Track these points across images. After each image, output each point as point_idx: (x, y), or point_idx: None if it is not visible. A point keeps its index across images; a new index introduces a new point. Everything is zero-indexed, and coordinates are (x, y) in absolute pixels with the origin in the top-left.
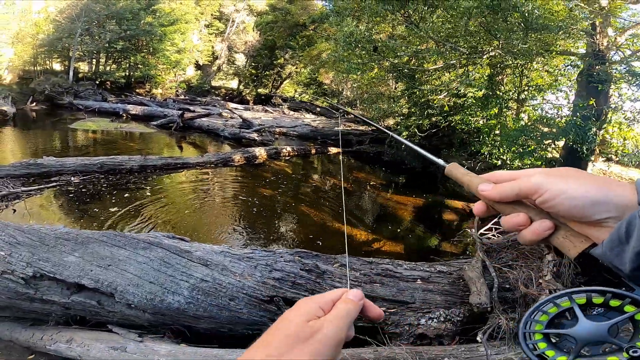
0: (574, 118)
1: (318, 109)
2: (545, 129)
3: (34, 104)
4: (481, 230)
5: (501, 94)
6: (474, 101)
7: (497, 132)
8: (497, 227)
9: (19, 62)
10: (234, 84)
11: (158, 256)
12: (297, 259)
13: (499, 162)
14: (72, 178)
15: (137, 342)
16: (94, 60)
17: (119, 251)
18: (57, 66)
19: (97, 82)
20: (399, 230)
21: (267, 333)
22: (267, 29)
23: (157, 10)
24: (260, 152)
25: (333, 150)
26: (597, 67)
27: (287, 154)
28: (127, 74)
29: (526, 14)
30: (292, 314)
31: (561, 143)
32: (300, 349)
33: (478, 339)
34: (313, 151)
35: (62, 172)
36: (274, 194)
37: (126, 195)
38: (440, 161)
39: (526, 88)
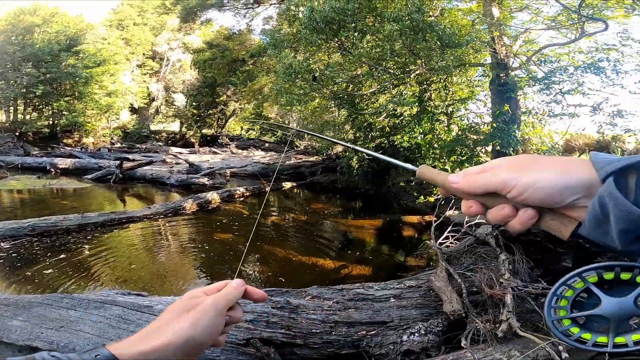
0: (495, 124)
1: (267, 145)
2: (475, 137)
3: None
4: (440, 240)
5: (431, 109)
6: (410, 119)
7: (435, 145)
8: (453, 234)
9: None
10: (175, 126)
11: (115, 314)
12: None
13: None
14: (1, 243)
15: None
16: (12, 108)
17: (69, 312)
18: None
19: (17, 134)
20: (364, 253)
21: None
22: (206, 66)
23: (80, 51)
24: (213, 197)
25: (287, 185)
26: (502, 75)
27: (241, 194)
28: (51, 122)
29: (440, 32)
30: (180, 298)
31: (490, 147)
32: (183, 317)
33: (462, 344)
34: (267, 189)
35: None
36: (232, 237)
37: (66, 256)
38: (410, 166)
39: (451, 101)
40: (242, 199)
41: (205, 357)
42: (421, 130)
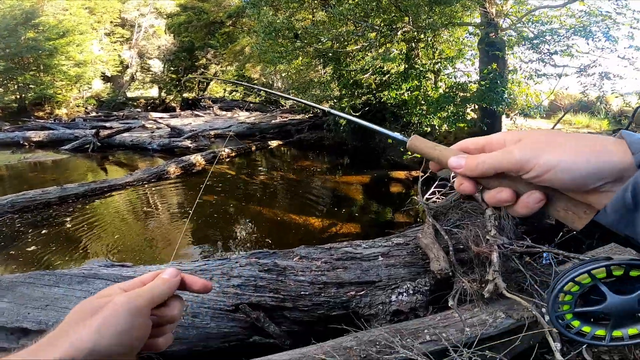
0: (483, 82)
1: (251, 105)
2: (463, 94)
3: None
4: (427, 196)
5: (418, 67)
6: (397, 76)
7: (423, 102)
8: (440, 189)
9: None
10: (154, 92)
11: (98, 288)
12: (254, 261)
13: (429, 129)
14: None
15: None
16: None
17: (52, 290)
18: None
19: None
20: (352, 210)
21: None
22: (182, 30)
23: (39, 24)
24: (197, 159)
25: (274, 143)
26: (492, 35)
27: (226, 155)
28: (18, 96)
29: None
30: (87, 298)
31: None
32: (85, 322)
33: (450, 304)
34: (254, 148)
35: None
36: (220, 199)
37: (48, 231)
38: (399, 135)
39: (439, 59)
40: (227, 159)
41: (194, 325)
42: (408, 87)
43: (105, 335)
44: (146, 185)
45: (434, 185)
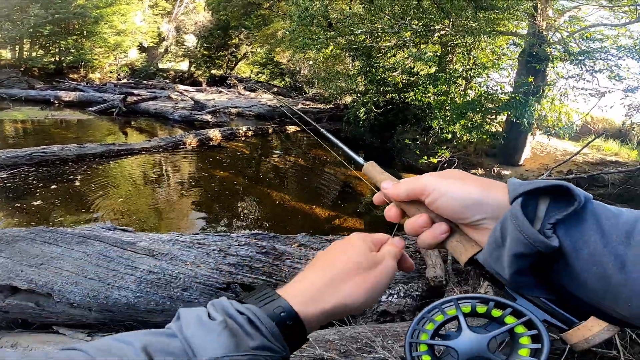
0: (515, 95)
1: (275, 88)
2: (490, 105)
3: None
4: None
5: (450, 71)
6: (425, 78)
7: (447, 107)
8: None
9: None
10: (184, 65)
11: (96, 250)
12: (252, 242)
13: (450, 136)
14: None
15: (86, 342)
16: (17, 46)
17: (50, 248)
18: None
19: (22, 69)
20: (358, 205)
21: (327, 255)
22: (220, 9)
23: None
24: (215, 134)
25: (291, 128)
26: (536, 47)
27: (243, 134)
28: (57, 59)
29: None
30: (355, 242)
31: (503, 118)
32: (364, 275)
33: None
34: (271, 130)
35: None
36: (231, 175)
37: (61, 187)
38: (360, 159)
39: (473, 66)
40: (244, 138)
41: (182, 299)
42: (435, 91)
43: (375, 294)
44: (162, 153)
45: None
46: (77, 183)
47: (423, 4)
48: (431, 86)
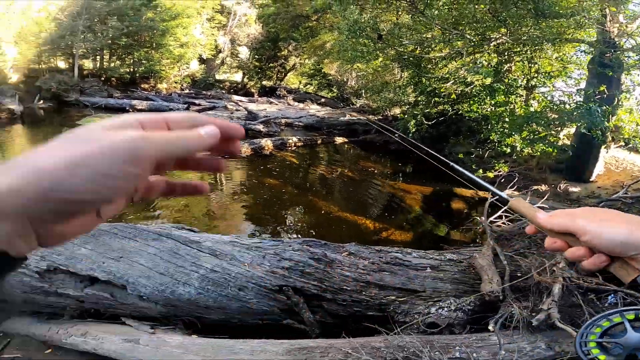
0: (586, 104)
1: (323, 99)
2: (555, 116)
3: (42, 101)
4: (491, 219)
5: (509, 81)
6: (481, 89)
7: (506, 119)
8: (507, 214)
9: (24, 61)
10: (238, 77)
11: (168, 247)
12: (305, 248)
13: (508, 150)
14: None
15: (149, 333)
16: (98, 57)
17: (130, 243)
18: (61, 64)
19: (103, 79)
20: (407, 218)
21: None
22: (270, 21)
23: (158, 5)
24: (267, 143)
25: (339, 139)
26: (607, 55)
27: (293, 144)
28: (132, 69)
29: (537, 0)
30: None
31: (572, 130)
32: (69, 145)
33: (490, 327)
34: (319, 141)
35: None
36: (281, 184)
37: None
38: (504, 194)
39: (535, 75)
40: (294, 148)
41: (238, 298)
42: (493, 102)
43: (75, 174)
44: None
45: (502, 210)
46: None
47: (477, 14)
48: (488, 97)
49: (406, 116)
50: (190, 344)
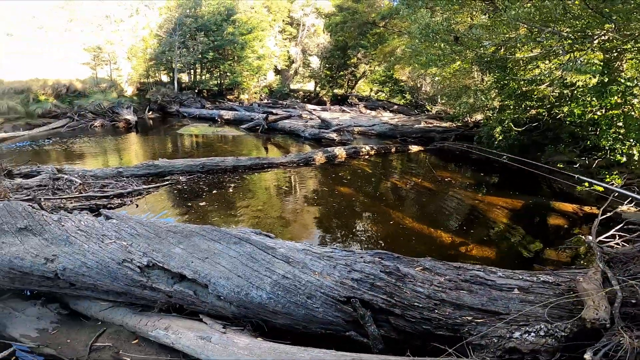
0: None
1: (395, 107)
2: None
3: (150, 112)
4: (601, 238)
5: (623, 80)
6: (585, 90)
7: (621, 123)
8: (624, 234)
9: (136, 75)
10: (310, 86)
11: (246, 251)
12: (377, 260)
13: (624, 158)
14: (181, 177)
15: (220, 332)
16: (192, 70)
17: (214, 245)
18: (164, 77)
19: (196, 91)
20: (490, 234)
21: None
22: (337, 30)
23: (235, 21)
24: (340, 152)
25: (414, 148)
26: None
27: (366, 153)
28: (219, 82)
29: None
30: None
31: None
32: None
33: (587, 357)
34: (393, 149)
35: (172, 172)
36: (353, 192)
37: (220, 192)
38: None
39: None
40: (366, 156)
41: (306, 306)
42: (603, 104)
43: None
44: (295, 167)
45: (616, 228)
46: (231, 190)
47: (573, 9)
48: (595, 99)
49: (490, 122)
50: (256, 347)
